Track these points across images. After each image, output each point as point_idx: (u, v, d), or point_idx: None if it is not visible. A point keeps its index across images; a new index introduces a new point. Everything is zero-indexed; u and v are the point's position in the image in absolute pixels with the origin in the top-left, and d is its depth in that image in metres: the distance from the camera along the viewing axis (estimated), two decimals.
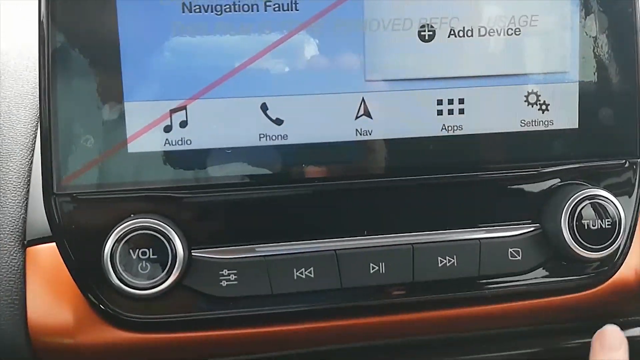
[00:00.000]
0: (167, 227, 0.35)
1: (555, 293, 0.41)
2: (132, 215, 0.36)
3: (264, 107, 0.37)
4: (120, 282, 0.34)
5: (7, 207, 0.40)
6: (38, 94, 0.41)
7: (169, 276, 0.35)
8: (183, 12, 0.36)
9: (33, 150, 0.43)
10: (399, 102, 0.39)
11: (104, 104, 0.36)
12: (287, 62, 0.37)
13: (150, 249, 0.35)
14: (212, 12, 0.36)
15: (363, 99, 0.38)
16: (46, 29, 0.35)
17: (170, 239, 0.35)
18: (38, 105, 0.44)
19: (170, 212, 0.36)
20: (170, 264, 0.35)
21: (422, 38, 0.38)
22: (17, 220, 0.40)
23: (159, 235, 0.35)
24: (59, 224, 0.36)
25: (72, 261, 0.36)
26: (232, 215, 0.37)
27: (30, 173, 0.42)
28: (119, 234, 0.35)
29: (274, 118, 0.38)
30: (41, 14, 0.35)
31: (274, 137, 0.38)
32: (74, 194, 0.36)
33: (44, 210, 0.36)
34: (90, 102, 0.36)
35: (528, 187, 0.41)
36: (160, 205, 0.36)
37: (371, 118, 0.38)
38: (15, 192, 0.41)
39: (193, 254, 0.36)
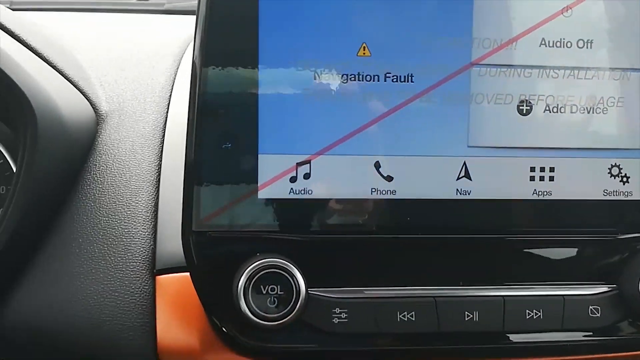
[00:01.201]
0: (292, 266, 0.40)
1: (630, 348, 0.45)
2: (257, 254, 0.41)
3: (377, 165, 0.42)
4: (251, 313, 0.38)
5: (138, 239, 0.45)
6: (159, 136, 0.47)
7: (293, 311, 0.39)
8: (314, 79, 0.41)
9: (158, 187, 0.48)
10: (496, 167, 0.43)
11: (241, 154, 0.41)
12: (400, 126, 0.42)
13: (278, 286, 0.39)
14: (338, 80, 0.41)
15: (465, 163, 0.43)
16: (197, 86, 0.40)
17: (295, 277, 0.39)
18: (159, 146, 0.50)
19: (292, 253, 0.41)
20: (294, 300, 0.39)
21: (520, 112, 0.43)
22: (147, 251, 0.45)
23: (284, 274, 0.39)
24: (195, 257, 0.40)
25: (204, 291, 0.40)
26: (344, 259, 0.42)
27: (157, 208, 0.46)
28: (252, 271, 0.39)
29: (385, 175, 0.42)
30: (195, 72, 0.40)
31: (384, 192, 0.42)
32: (209, 232, 0.41)
33: (182, 245, 0.41)
34: (229, 152, 0.41)
35: (607, 251, 0.45)
36: (283, 246, 0.41)
37: (471, 180, 0.43)
38: (144, 225, 0.46)
39: (310, 292, 0.41)
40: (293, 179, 0.42)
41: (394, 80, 0.42)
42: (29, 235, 0.45)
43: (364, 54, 0.41)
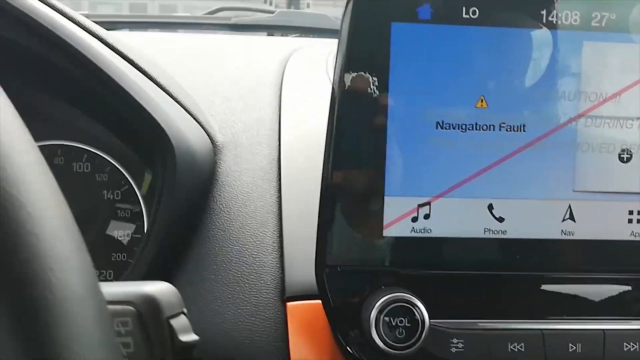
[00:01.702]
0: (416, 299, 0.44)
1: None
2: (382, 286, 0.45)
3: (490, 207, 0.46)
4: (382, 342, 0.43)
5: (267, 267, 0.50)
6: (276, 169, 0.51)
7: (419, 340, 0.43)
8: (436, 128, 0.45)
9: (280, 218, 0.52)
10: (598, 210, 0.47)
11: (369, 197, 0.45)
12: (512, 172, 0.46)
13: (406, 318, 0.43)
14: (458, 129, 0.45)
15: (570, 206, 0.47)
16: (332, 139, 0.44)
17: (419, 309, 0.44)
18: (277, 179, 0.54)
19: (414, 287, 0.45)
20: (419, 330, 0.43)
21: (621, 160, 0.47)
22: (277, 279, 0.49)
23: (409, 306, 0.44)
24: (328, 289, 0.45)
25: (335, 319, 0.45)
26: (460, 293, 0.46)
27: (282, 239, 0.51)
28: (382, 305, 0.43)
29: (497, 216, 0.46)
30: (331, 129, 0.44)
31: (495, 232, 0.46)
32: (340, 267, 0.45)
33: (315, 276, 0.45)
34: (359, 195, 0.45)
35: None
36: (405, 280, 0.45)
37: (574, 221, 0.47)
38: (272, 254, 0.50)
39: (431, 323, 0.45)
40: (414, 219, 0.46)
41: (508, 130, 0.46)
42: (167, 264, 0.50)
43: (481, 105, 0.45)
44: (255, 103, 0.64)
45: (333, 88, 0.45)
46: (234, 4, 1.29)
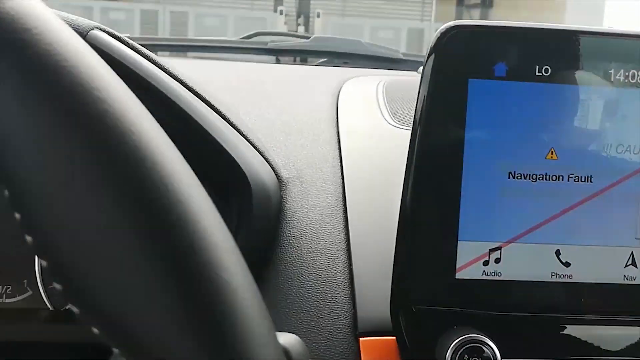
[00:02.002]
0: (487, 339, 0.46)
1: None
2: (455, 326, 0.48)
3: (557, 253, 0.49)
4: None
5: (340, 303, 0.52)
6: (342, 207, 0.54)
7: None
8: (509, 178, 0.48)
9: (349, 255, 0.55)
10: None
11: (443, 241, 0.48)
12: (579, 220, 0.49)
13: (479, 358, 0.46)
14: (529, 179, 0.48)
15: (632, 253, 0.49)
16: (409, 188, 0.47)
17: (492, 349, 0.46)
18: (343, 216, 0.57)
19: (485, 327, 0.47)
20: None
21: None
22: (349, 314, 0.52)
23: (482, 346, 0.46)
24: (403, 328, 0.47)
25: (409, 356, 0.47)
26: (530, 333, 0.48)
27: (352, 275, 0.53)
28: (457, 344, 0.46)
29: (564, 261, 0.49)
30: (408, 178, 0.47)
31: (561, 276, 0.49)
32: (415, 307, 0.48)
33: (390, 316, 0.48)
34: (433, 238, 0.48)
35: None
36: (477, 321, 0.48)
37: (637, 267, 0.49)
38: (344, 290, 0.53)
39: None
40: (485, 263, 0.48)
41: (576, 180, 0.48)
42: None
43: (551, 157, 0.48)
44: (315, 138, 0.67)
45: (412, 136, 0.47)
46: (267, 29, 1.32)
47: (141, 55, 0.52)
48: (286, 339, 0.30)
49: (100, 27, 0.48)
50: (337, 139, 0.67)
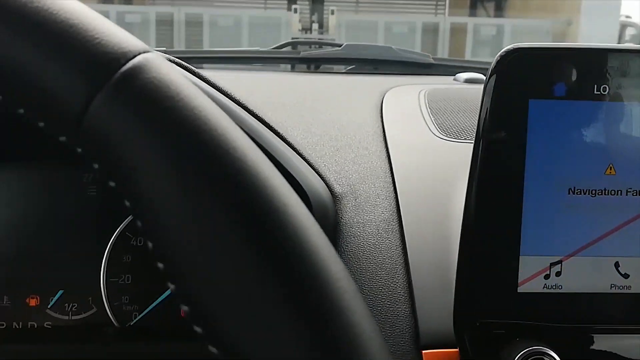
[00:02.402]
0: (550, 351, 0.48)
1: None
2: (517, 339, 0.49)
3: (617, 265, 0.50)
4: None
5: (401, 317, 0.54)
6: (397, 221, 0.55)
7: None
8: (568, 193, 0.49)
9: (408, 269, 0.56)
10: None
11: (505, 256, 0.49)
12: (637, 233, 0.50)
13: None
14: (588, 194, 0.49)
15: None
16: (474, 203, 0.48)
17: (555, 359, 0.48)
18: (399, 230, 0.58)
19: (547, 339, 0.49)
20: None
21: None
22: (411, 328, 0.53)
23: (545, 358, 0.48)
24: (468, 342, 0.49)
25: None
26: (591, 345, 0.50)
27: (412, 289, 0.55)
28: (523, 356, 0.47)
29: (623, 273, 0.50)
30: (470, 192, 0.48)
31: (621, 287, 0.50)
32: (478, 321, 0.49)
33: (454, 331, 0.49)
34: (496, 253, 0.49)
35: None
36: (539, 333, 0.49)
37: None
38: (405, 304, 0.55)
39: None
40: (547, 276, 0.50)
41: (634, 194, 0.49)
42: None
43: (610, 172, 0.49)
44: (364, 153, 0.69)
45: (474, 153, 0.49)
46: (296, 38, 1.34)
47: (202, 79, 0.54)
48: None
49: (164, 56, 0.50)
50: (387, 153, 0.68)
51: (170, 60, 0.53)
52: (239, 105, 0.57)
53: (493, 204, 0.49)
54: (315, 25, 7.81)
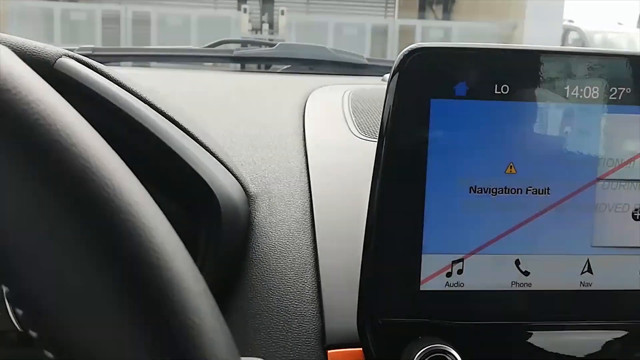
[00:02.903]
0: (450, 348, 0.48)
1: None
2: (419, 337, 0.49)
3: (517, 262, 0.51)
4: None
5: (308, 317, 0.53)
6: (309, 220, 0.55)
7: None
8: (470, 192, 0.50)
9: (317, 269, 0.56)
10: (613, 263, 0.52)
11: (407, 254, 0.49)
12: (537, 230, 0.51)
13: None
14: (489, 193, 0.50)
15: (588, 260, 0.52)
16: (375, 203, 0.48)
17: (455, 357, 0.48)
18: (311, 230, 0.58)
19: (448, 336, 0.49)
20: None
21: (635, 218, 0.52)
22: (317, 327, 0.53)
23: (445, 355, 0.48)
24: (370, 340, 0.49)
25: None
26: (491, 341, 0.50)
27: (320, 289, 0.55)
28: (422, 354, 0.47)
29: (523, 270, 0.51)
30: (374, 191, 0.48)
31: (521, 284, 0.51)
32: (381, 319, 0.49)
33: (357, 329, 0.49)
34: (398, 252, 0.49)
35: None
36: (441, 331, 0.49)
37: (592, 274, 0.52)
38: (312, 304, 0.54)
39: None
40: (449, 274, 0.50)
41: (534, 193, 0.50)
42: None
43: (510, 171, 0.50)
44: (282, 152, 0.68)
45: (377, 152, 0.49)
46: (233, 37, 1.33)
47: (108, 79, 0.52)
48: None
49: (68, 54, 0.49)
50: (305, 153, 0.68)
51: (77, 60, 0.52)
52: (146, 104, 0.56)
53: (395, 202, 0.49)
54: (265, 26, 7.78)
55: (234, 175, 0.62)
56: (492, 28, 7.77)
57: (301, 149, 0.69)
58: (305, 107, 0.79)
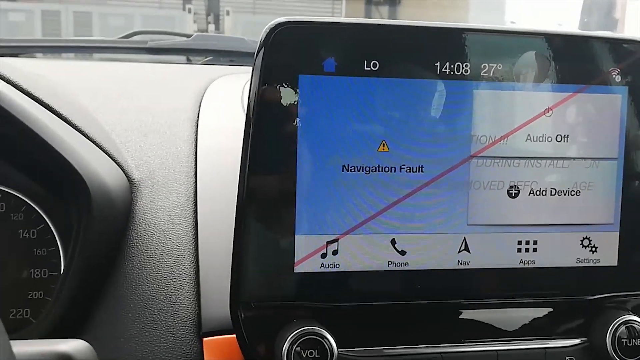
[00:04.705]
0: (325, 331, 0.47)
1: None
2: (294, 320, 0.48)
3: (393, 242, 0.50)
4: None
5: (184, 304, 0.52)
6: (192, 206, 0.54)
7: None
8: (342, 171, 0.49)
9: (197, 256, 0.54)
10: (490, 241, 0.52)
11: (280, 236, 0.48)
12: (412, 209, 0.50)
13: (316, 350, 0.46)
14: (362, 172, 0.49)
15: (465, 238, 0.51)
16: (245, 183, 0.47)
17: (328, 340, 0.47)
18: (193, 216, 0.56)
19: (324, 319, 0.48)
20: None
21: (510, 195, 0.52)
22: (193, 315, 0.51)
23: (319, 338, 0.47)
24: (242, 324, 0.48)
25: (249, 353, 0.48)
26: (367, 323, 0.50)
27: (198, 276, 0.53)
28: (293, 338, 0.46)
29: (400, 250, 0.50)
30: (243, 173, 0.47)
31: (398, 264, 0.50)
32: (254, 303, 0.48)
33: (229, 313, 0.48)
34: (270, 233, 0.48)
35: (579, 310, 0.54)
36: (316, 313, 0.48)
37: (469, 252, 0.51)
38: (189, 291, 0.52)
39: (340, 352, 0.48)
40: (323, 255, 0.49)
41: (408, 170, 0.50)
42: (84, 302, 0.52)
43: (383, 149, 0.49)
44: (172, 138, 0.66)
45: (245, 132, 0.47)
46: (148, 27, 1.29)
47: None
48: (72, 345, 0.30)
49: None
50: (195, 138, 0.66)
51: None
52: (15, 88, 0.53)
53: (265, 183, 0.48)
54: (211, 27, 7.71)
55: (115, 161, 0.60)
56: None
57: (192, 134, 0.67)
58: (203, 95, 0.77)
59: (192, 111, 0.71)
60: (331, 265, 0.49)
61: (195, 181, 0.60)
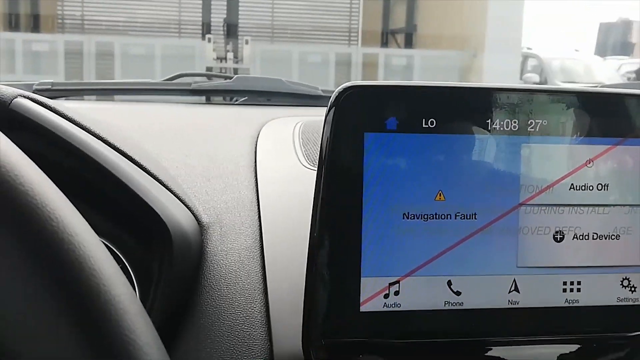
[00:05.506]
0: None
1: None
2: (360, 356, 0.53)
3: (449, 283, 0.55)
4: None
5: (258, 341, 0.56)
6: (259, 248, 0.59)
7: None
8: (403, 218, 0.54)
9: (266, 294, 0.59)
10: (538, 282, 0.56)
11: (347, 279, 0.53)
12: (466, 253, 0.55)
13: None
14: (421, 219, 0.54)
15: (514, 280, 0.56)
16: (316, 231, 0.52)
17: None
18: (260, 258, 0.61)
19: (388, 355, 0.53)
20: None
21: (555, 239, 0.56)
22: (266, 351, 0.56)
23: None
24: (313, 359, 0.52)
25: None
26: (428, 358, 0.54)
27: (269, 313, 0.58)
28: None
29: (455, 290, 0.55)
30: (314, 223, 0.52)
31: (453, 304, 0.55)
32: (324, 340, 0.53)
33: (302, 351, 0.53)
34: (339, 276, 0.53)
35: (621, 346, 0.58)
36: (381, 350, 0.53)
37: (519, 292, 0.56)
38: (261, 328, 0.57)
39: None
40: (386, 296, 0.54)
41: (462, 218, 0.54)
42: (165, 340, 0.56)
43: (440, 199, 0.54)
44: (234, 183, 0.71)
45: (317, 182, 0.52)
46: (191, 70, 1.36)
47: (61, 116, 0.56)
48: None
49: (24, 95, 0.52)
50: (255, 183, 0.72)
51: (32, 99, 0.55)
52: (97, 138, 0.59)
53: (335, 228, 0.53)
54: (230, 55, 7.83)
55: (186, 205, 0.65)
56: (453, 56, 7.96)
57: (252, 180, 0.72)
58: (257, 139, 0.82)
59: (249, 157, 0.77)
60: (393, 305, 0.54)
61: (260, 225, 0.65)
